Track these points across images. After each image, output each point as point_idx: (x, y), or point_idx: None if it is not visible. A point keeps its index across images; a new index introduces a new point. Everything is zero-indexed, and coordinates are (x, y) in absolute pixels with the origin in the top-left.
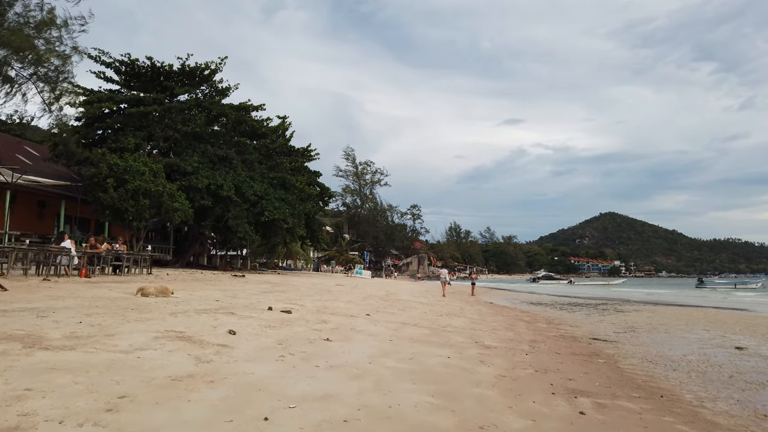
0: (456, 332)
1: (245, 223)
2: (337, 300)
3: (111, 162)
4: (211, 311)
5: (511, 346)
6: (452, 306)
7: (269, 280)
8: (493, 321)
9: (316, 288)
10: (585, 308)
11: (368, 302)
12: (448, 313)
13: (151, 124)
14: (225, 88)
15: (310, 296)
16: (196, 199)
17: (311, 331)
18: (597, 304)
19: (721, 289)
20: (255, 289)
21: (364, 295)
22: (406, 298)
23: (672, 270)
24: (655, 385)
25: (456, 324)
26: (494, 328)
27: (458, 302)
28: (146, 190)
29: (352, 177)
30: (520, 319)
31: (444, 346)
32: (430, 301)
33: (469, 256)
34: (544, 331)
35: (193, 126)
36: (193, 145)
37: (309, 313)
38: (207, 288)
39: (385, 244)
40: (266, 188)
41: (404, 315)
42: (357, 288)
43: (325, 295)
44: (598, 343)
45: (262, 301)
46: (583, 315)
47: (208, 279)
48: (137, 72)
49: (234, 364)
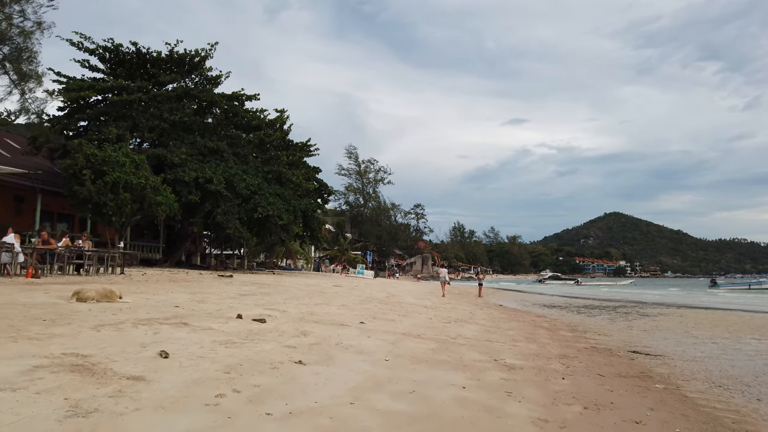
0: (469, 345)
1: (236, 219)
2: (329, 304)
3: (88, 152)
4: (156, 322)
5: (539, 365)
6: (461, 310)
7: (258, 280)
8: (509, 328)
9: (308, 290)
10: (605, 312)
11: (365, 307)
12: (457, 320)
13: (136, 114)
14: (215, 76)
15: (297, 300)
16: (183, 193)
17: (282, 350)
18: (616, 307)
19: (736, 290)
20: (235, 291)
21: (361, 298)
22: (409, 300)
23: (677, 270)
24: (755, 430)
25: (467, 333)
26: (513, 339)
27: (466, 305)
28: (127, 183)
29: (355, 175)
30: (538, 325)
31: (456, 367)
32: (436, 305)
33: (473, 256)
34: (571, 341)
35: (181, 115)
36: (181, 137)
37: (288, 322)
38: (176, 290)
39: (388, 244)
40: (260, 182)
41: (406, 322)
42: (356, 289)
43: (317, 298)
44: (641, 359)
45: (235, 307)
46: (606, 320)
47: (188, 280)
48: (122, 59)
49: (130, 416)
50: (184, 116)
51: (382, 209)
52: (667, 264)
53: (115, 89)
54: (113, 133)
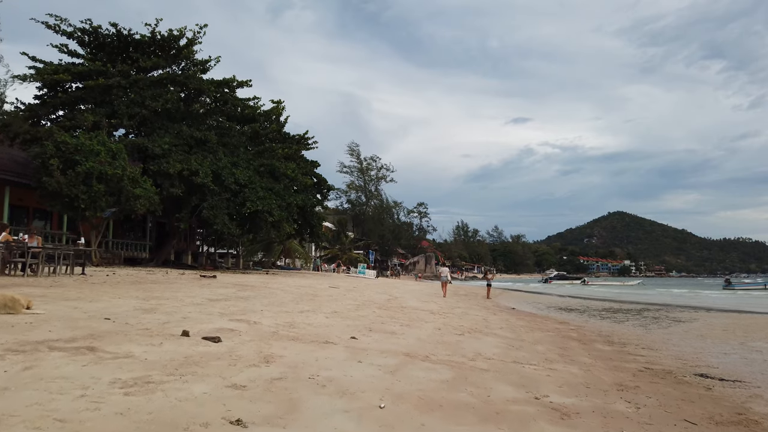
0: (494, 372)
1: (224, 214)
2: (318, 311)
3: (59, 140)
4: (49, 345)
5: (599, 406)
6: (472, 316)
7: (244, 281)
8: (534, 341)
9: (298, 292)
10: (631, 316)
11: (361, 314)
12: (471, 329)
13: (115, 100)
14: (203, 61)
15: (279, 306)
16: (165, 186)
17: (220, 394)
18: (640, 310)
19: (754, 289)
20: (206, 295)
21: (358, 302)
22: (413, 304)
23: (682, 270)
24: None
25: (488, 351)
26: (546, 358)
27: (477, 309)
28: (101, 174)
29: (357, 173)
30: (566, 335)
31: (486, 417)
32: (443, 309)
33: (477, 255)
34: (616, 359)
35: (163, 101)
36: (165, 126)
37: (254, 340)
38: (127, 295)
39: (391, 243)
40: (251, 176)
41: (410, 335)
42: (353, 291)
43: (305, 303)
44: (718, 387)
45: (191, 318)
46: (637, 327)
47: (158, 281)
48: (102, 43)
49: None
50: (167, 103)
51: (384, 207)
52: (671, 263)
53: (93, 73)
54: (89, 120)
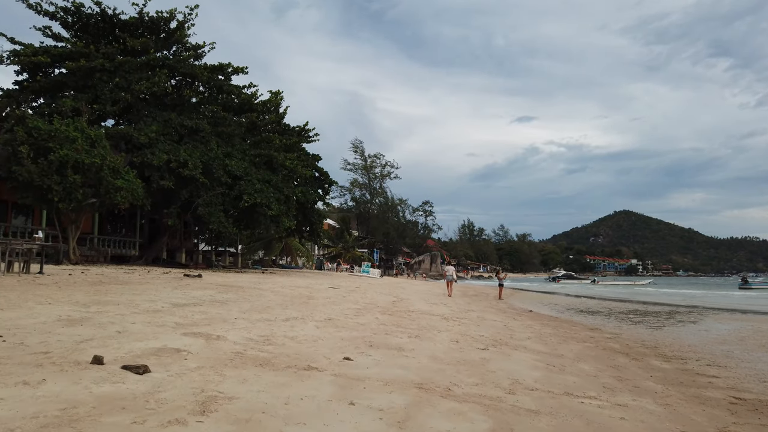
0: (548, 415)
1: (220, 211)
2: (308, 319)
3: (30, 125)
4: None
5: None
6: (490, 322)
7: (233, 282)
8: (575, 357)
9: (291, 294)
10: (664, 320)
11: (360, 321)
12: (495, 341)
13: (97, 84)
14: (196, 45)
15: (261, 312)
16: (153, 178)
17: None
18: (670, 312)
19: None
20: (173, 298)
21: (359, 306)
22: (421, 307)
23: (689, 269)
24: None
25: (526, 375)
26: (603, 384)
27: (493, 312)
28: (77, 163)
29: (361, 170)
30: (607, 347)
31: None
32: (456, 313)
33: (482, 254)
34: (690, 384)
35: (149, 85)
36: (153, 113)
37: (202, 367)
38: (67, 300)
39: (396, 242)
40: (246, 167)
41: (421, 352)
42: (355, 293)
43: (295, 307)
44: None
45: (127, 334)
46: (681, 334)
47: (127, 282)
48: (86, 23)
49: None
50: (154, 86)
51: (389, 205)
52: (678, 262)
53: (75, 55)
54: (68, 105)
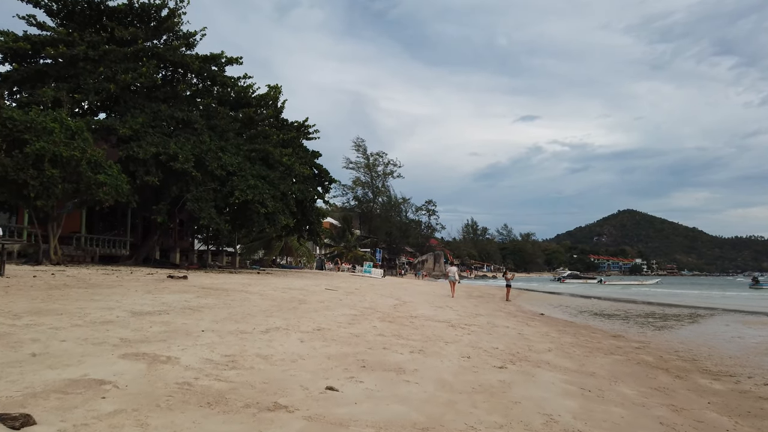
0: None
1: (211, 206)
2: (293, 329)
3: (5, 115)
4: None
5: None
6: (503, 329)
7: (219, 284)
8: (609, 375)
9: (282, 298)
10: (686, 323)
11: (356, 330)
12: (513, 355)
13: (81, 73)
14: (187, 33)
15: (237, 323)
16: (139, 173)
17: None
18: (692, 315)
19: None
20: (138, 305)
21: (357, 311)
22: (425, 312)
23: (693, 268)
24: None
25: (560, 407)
26: (659, 418)
27: (503, 317)
28: (55, 156)
29: (363, 169)
30: (641, 361)
31: None
32: (464, 319)
33: (486, 253)
34: (759, 413)
35: (137, 75)
36: (141, 105)
37: (120, 411)
38: (7, 309)
39: (399, 241)
40: (240, 162)
41: (427, 374)
42: (354, 294)
43: (281, 315)
44: None
45: (45, 358)
46: (714, 341)
47: (98, 284)
48: (72, 11)
49: None
50: (141, 77)
51: (392, 204)
52: (682, 262)
53: (57, 42)
54: (48, 96)
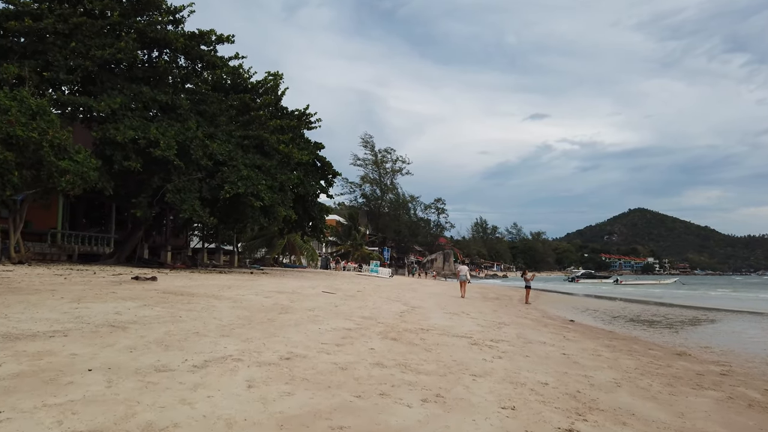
0: None
1: (195, 198)
2: (242, 364)
3: None
4: None
5: None
6: (540, 347)
7: (189, 288)
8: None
9: (259, 306)
10: (752, 330)
11: (343, 358)
12: (572, 396)
13: (50, 48)
14: (172, 8)
15: (163, 351)
16: (116, 157)
17: None
18: (744, 319)
19: None
20: (34, 319)
21: (352, 323)
22: (439, 321)
23: (705, 267)
24: None
25: None
26: None
27: (532, 326)
28: (10, 137)
29: (371, 165)
30: (756, 403)
31: None
32: (486, 330)
33: (495, 252)
34: None
35: (115, 51)
36: (121, 86)
37: None
38: None
39: (407, 240)
40: (231, 150)
41: None
42: (354, 299)
43: (240, 334)
44: None
45: None
46: None
47: (19, 290)
48: None
49: None
50: (120, 53)
51: (400, 202)
52: (694, 261)
53: (22, 15)
54: (10, 72)
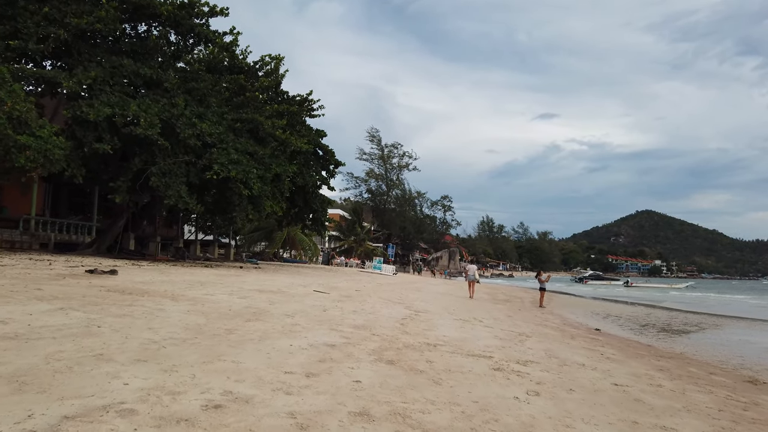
0: None
1: (181, 183)
2: (188, 389)
3: None
4: None
5: None
6: (579, 371)
7: (146, 285)
8: None
9: (222, 312)
10: None
11: (308, 402)
12: None
13: (19, 14)
14: None
15: (60, 383)
16: (87, 139)
17: None
18: None
19: None
20: None
21: (337, 336)
22: (448, 332)
23: (713, 271)
24: None
25: None
26: None
27: (557, 337)
28: None
29: (378, 160)
30: None
31: None
32: (508, 346)
33: (501, 252)
34: None
35: (93, 20)
36: (99, 58)
37: None
38: None
39: (413, 237)
40: (222, 133)
41: None
42: (349, 301)
43: (162, 361)
44: None
45: None
46: None
47: None
48: None
49: None
50: (99, 21)
51: (407, 198)
52: (701, 264)
53: None
54: None
